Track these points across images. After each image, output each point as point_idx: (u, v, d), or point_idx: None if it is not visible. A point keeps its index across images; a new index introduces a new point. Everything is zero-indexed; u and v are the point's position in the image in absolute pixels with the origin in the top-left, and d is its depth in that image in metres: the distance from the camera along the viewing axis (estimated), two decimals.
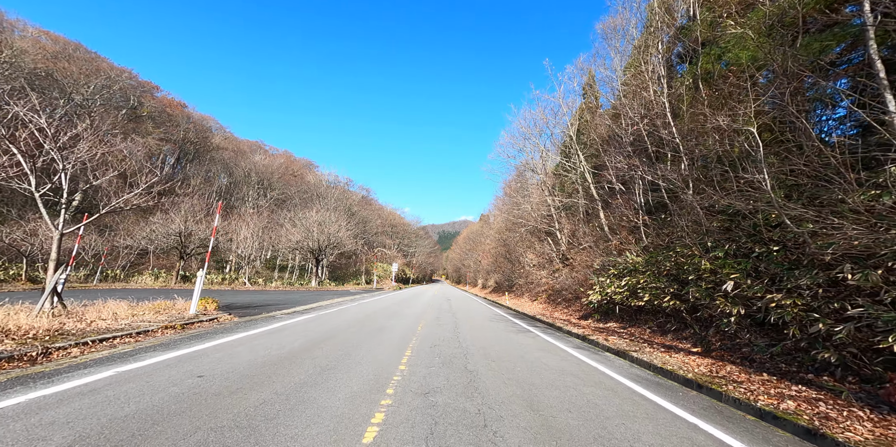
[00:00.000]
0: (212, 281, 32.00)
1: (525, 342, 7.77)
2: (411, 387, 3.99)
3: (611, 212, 14.11)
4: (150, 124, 58.66)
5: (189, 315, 7.80)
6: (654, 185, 11.36)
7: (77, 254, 23.56)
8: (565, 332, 10.31)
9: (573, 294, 15.48)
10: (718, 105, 8.74)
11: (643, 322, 9.48)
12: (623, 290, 9.82)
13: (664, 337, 8.10)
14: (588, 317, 12.15)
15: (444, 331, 8.50)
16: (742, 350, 5.98)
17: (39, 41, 48.72)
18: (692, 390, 4.85)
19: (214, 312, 9.22)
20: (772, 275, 5.68)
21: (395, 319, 10.30)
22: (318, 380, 4.03)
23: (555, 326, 11.30)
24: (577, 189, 17.61)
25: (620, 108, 12.13)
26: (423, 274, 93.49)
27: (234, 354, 5.02)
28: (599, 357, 6.65)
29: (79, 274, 28.23)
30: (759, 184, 5.18)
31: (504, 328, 10.13)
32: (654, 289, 8.52)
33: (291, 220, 35.60)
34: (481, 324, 10.68)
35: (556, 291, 18.03)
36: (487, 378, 4.58)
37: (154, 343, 5.52)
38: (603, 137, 14.88)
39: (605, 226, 14.30)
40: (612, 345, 7.66)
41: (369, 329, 8.17)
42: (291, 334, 6.87)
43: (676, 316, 8.09)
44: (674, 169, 9.56)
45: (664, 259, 8.81)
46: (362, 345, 6.15)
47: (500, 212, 32.08)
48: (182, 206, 34.88)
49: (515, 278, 28.54)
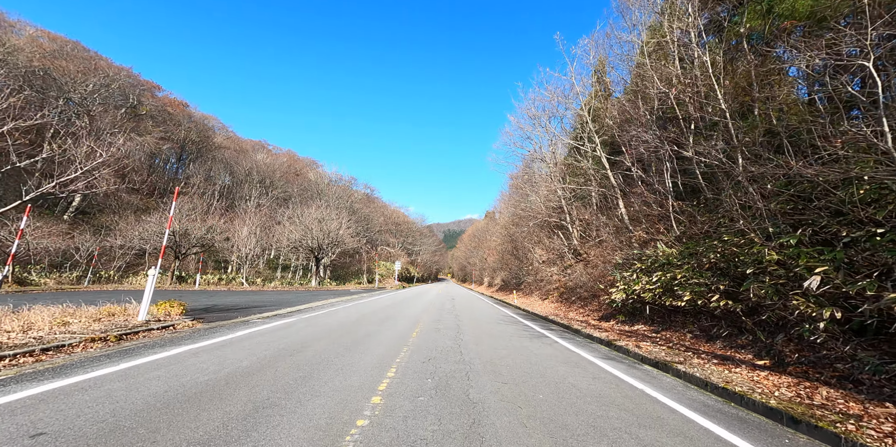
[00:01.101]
0: (209, 281, 30.98)
1: (543, 352, 6.35)
2: (381, 440, 2.60)
3: (631, 200, 12.60)
4: (150, 123, 58.00)
5: (136, 323, 6.50)
6: (685, 168, 9.84)
7: (16, 252, 22.48)
8: (585, 337, 8.89)
9: (589, 292, 14.01)
10: (770, 63, 7.21)
11: (680, 325, 8.00)
12: (654, 287, 8.34)
13: (711, 344, 6.63)
14: (610, 318, 10.68)
15: (444, 339, 7.11)
16: (836, 366, 4.51)
17: (37, 40, 48.12)
18: (788, 428, 3.41)
19: (177, 317, 7.93)
20: (884, 266, 4.19)
21: (388, 324, 8.93)
22: (235, 433, 2.65)
23: (572, 329, 9.86)
24: (592, 177, 16.09)
25: (645, 80, 10.60)
26: (429, 273, 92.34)
27: (143, 384, 3.63)
28: (639, 372, 5.21)
29: (71, 275, 27.35)
30: (870, 139, 3.68)
31: (515, 332, 8.72)
32: (695, 285, 7.04)
33: (290, 217, 34.42)
34: (489, 328, 9.28)
35: (570, 289, 16.55)
36: (499, 416, 3.18)
37: (52, 364, 4.18)
38: (621, 118, 13.35)
39: (624, 217, 12.79)
40: (646, 353, 6.22)
41: (353, 337, 6.80)
42: (249, 347, 5.52)
43: (728, 318, 6.61)
44: (710, 145, 8.02)
45: (707, 250, 7.32)
46: (333, 363, 4.77)
47: (508, 205, 30.58)
48: (182, 205, 33.90)
49: (523, 276, 27.07)
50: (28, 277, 24.72)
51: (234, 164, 62.82)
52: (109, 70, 53.48)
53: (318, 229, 33.01)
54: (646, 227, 10.82)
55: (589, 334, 8.80)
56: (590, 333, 8.84)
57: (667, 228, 9.84)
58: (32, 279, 24.65)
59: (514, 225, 28.14)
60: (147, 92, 61.63)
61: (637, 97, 12.10)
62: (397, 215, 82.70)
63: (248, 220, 33.26)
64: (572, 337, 8.71)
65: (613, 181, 13.22)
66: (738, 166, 6.91)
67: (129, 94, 57.28)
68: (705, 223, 8.56)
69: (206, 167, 59.44)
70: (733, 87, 8.24)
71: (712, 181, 8.98)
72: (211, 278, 31.77)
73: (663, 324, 8.49)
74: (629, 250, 11.62)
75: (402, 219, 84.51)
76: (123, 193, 45.25)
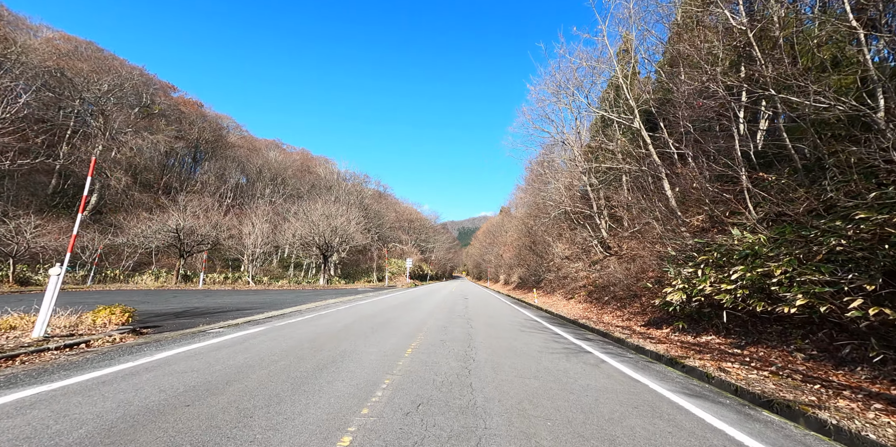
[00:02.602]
0: (214, 280, 30.00)
1: (593, 382, 4.32)
2: None
3: (681, 180, 10.29)
4: (162, 122, 58.10)
5: (26, 341, 4.80)
6: (765, 129, 7.54)
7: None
8: (632, 348, 6.81)
9: (626, 291, 11.81)
10: None
11: (777, 338, 5.80)
12: (734, 287, 6.16)
13: (847, 371, 4.44)
14: (661, 324, 8.51)
15: (448, 360, 5.15)
16: None
17: (52, 41, 48.49)
18: None
19: (112, 329, 6.26)
20: None
21: (380, 335, 7.03)
22: None
23: (614, 338, 7.76)
24: (627, 156, 13.80)
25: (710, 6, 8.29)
26: (443, 270, 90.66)
27: None
28: (771, 432, 3.12)
29: (76, 275, 26.76)
30: None
31: (543, 345, 6.69)
32: (812, 284, 4.85)
33: (295, 213, 33.09)
34: (509, 339, 7.27)
35: (601, 287, 14.34)
36: None
37: None
38: (668, 76, 11.02)
39: (671, 200, 10.52)
40: (747, 385, 4.10)
41: (318, 360, 4.91)
42: (147, 383, 3.67)
43: (880, 334, 4.41)
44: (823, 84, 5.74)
45: (824, 233, 5.11)
46: (251, 422, 2.88)
47: (525, 196, 28.29)
48: (190, 203, 33.08)
49: (543, 272, 24.85)
50: (32, 277, 24.11)
51: (246, 162, 62.42)
52: (122, 69, 53.68)
53: (325, 225, 31.56)
54: (708, 210, 8.54)
55: (638, 345, 6.69)
56: (639, 344, 6.73)
57: (738, 210, 7.57)
58: (37, 279, 24.04)
59: (533, 216, 25.88)
60: (160, 90, 61.82)
61: (698, 29, 9.59)
62: (410, 212, 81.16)
63: (255, 217, 32.10)
64: (619, 350, 6.62)
65: (656, 158, 10.93)
66: (878, 110, 4.66)
67: (143, 93, 57.47)
68: (803, 198, 6.29)
69: (219, 165, 59.18)
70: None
71: (797, 140, 6.68)
72: (217, 277, 30.79)
73: (747, 335, 6.29)
74: (681, 240, 9.38)
75: (415, 215, 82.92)
76: (135, 192, 45.17)
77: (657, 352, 6.12)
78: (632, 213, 14.03)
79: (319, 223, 31.48)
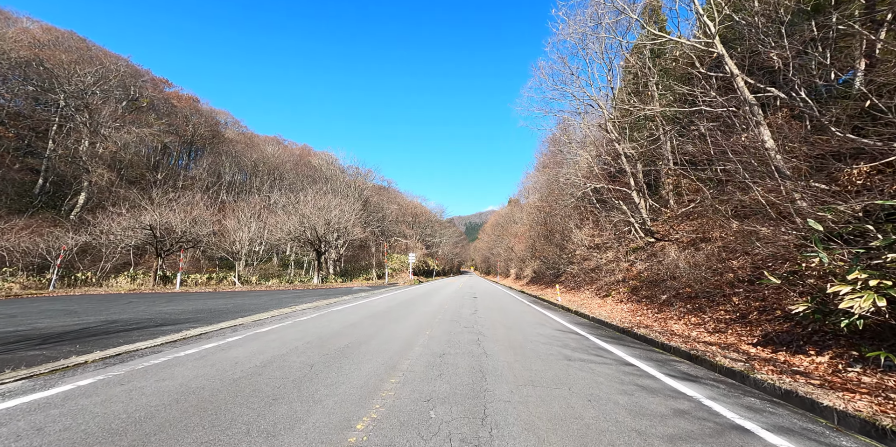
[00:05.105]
0: (196, 281, 27.22)
1: None
2: None
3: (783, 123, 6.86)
4: (151, 116, 55.53)
5: None
6: None
7: None
8: (778, 397, 3.39)
9: (699, 287, 8.46)
10: None
11: None
12: None
13: None
14: (796, 345, 5.19)
15: (441, 428, 1.93)
16: None
17: (28, 30, 46.01)
18: None
19: None
20: None
21: (349, 360, 3.85)
22: None
23: (722, 369, 4.35)
24: (670, 118, 10.36)
25: None
26: (450, 265, 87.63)
27: None
28: None
29: (42, 279, 24.15)
30: None
31: (611, 387, 3.42)
32: None
33: (284, 206, 30.07)
34: (540, 371, 4.01)
35: (650, 282, 11.01)
36: None
37: None
38: None
39: (774, 157, 7.11)
40: None
41: (224, 422, 1.72)
42: None
43: None
44: None
45: None
46: None
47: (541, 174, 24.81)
48: (178, 200, 30.33)
49: (564, 265, 21.50)
50: None
51: (242, 157, 59.68)
52: (107, 60, 50.99)
53: (317, 218, 28.50)
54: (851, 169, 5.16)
55: (786, 390, 3.36)
56: (815, 399, 3.37)
57: None
58: None
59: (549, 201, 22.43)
60: (149, 84, 59.13)
61: None
62: (414, 206, 77.91)
63: (240, 213, 29.17)
64: (762, 405, 3.26)
65: (747, 94, 7.49)
66: None
67: (130, 86, 54.84)
68: None
69: (212, 161, 56.47)
70: None
71: None
72: (199, 278, 28.01)
73: None
74: (832, 208, 6.03)
75: (419, 209, 79.62)
76: (120, 189, 42.60)
77: (877, 423, 2.83)
78: (689, 184, 10.64)
79: (311, 216, 28.43)
